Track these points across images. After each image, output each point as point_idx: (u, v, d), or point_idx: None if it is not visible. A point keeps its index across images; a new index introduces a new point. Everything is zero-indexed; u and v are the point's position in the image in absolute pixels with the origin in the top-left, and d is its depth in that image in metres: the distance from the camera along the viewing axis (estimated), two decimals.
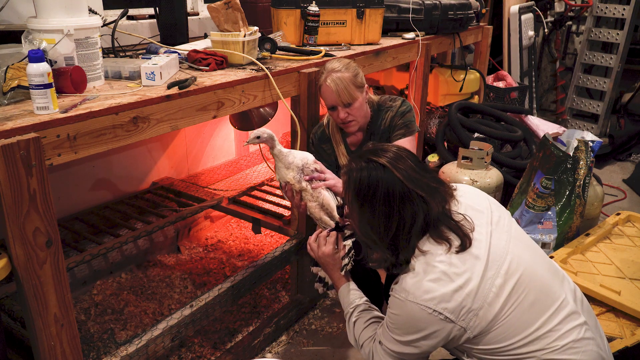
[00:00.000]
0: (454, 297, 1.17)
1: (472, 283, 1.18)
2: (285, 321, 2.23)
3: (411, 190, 1.20)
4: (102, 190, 2.41)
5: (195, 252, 2.75)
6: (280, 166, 1.73)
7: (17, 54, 1.48)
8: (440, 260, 1.19)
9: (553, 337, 1.20)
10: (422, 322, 1.20)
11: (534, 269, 1.25)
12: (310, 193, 1.75)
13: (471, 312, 1.18)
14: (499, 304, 1.19)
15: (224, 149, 3.05)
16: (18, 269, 1.20)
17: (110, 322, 2.18)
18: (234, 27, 1.86)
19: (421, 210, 1.20)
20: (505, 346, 1.21)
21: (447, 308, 1.17)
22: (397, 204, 1.20)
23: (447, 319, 1.18)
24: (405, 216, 1.20)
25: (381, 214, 1.21)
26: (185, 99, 1.55)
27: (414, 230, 1.21)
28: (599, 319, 1.78)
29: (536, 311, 1.21)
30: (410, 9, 2.82)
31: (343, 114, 1.82)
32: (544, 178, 2.21)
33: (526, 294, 1.21)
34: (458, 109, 3.22)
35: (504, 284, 1.20)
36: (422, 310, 1.19)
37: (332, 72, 1.80)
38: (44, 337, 1.28)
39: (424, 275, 1.19)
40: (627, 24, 4.31)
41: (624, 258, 2.06)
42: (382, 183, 1.21)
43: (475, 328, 1.19)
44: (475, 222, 1.26)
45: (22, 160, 1.13)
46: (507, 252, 1.24)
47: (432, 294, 1.18)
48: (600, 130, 4.57)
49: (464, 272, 1.18)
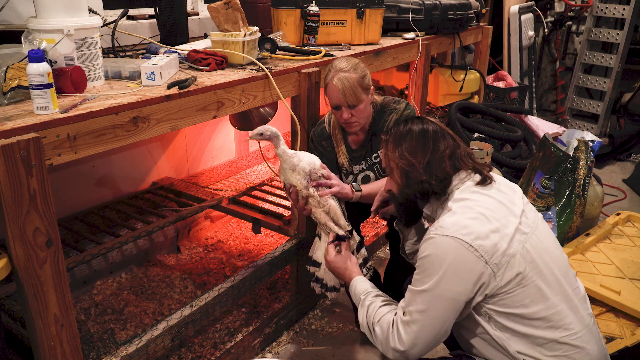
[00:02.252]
0: (490, 237, 1.20)
1: (508, 230, 1.23)
2: (285, 321, 2.23)
3: (443, 129, 1.40)
4: (102, 190, 2.41)
5: (195, 252, 2.75)
6: (285, 167, 1.71)
7: (17, 54, 1.48)
8: (478, 204, 1.26)
9: (570, 318, 1.24)
10: (456, 257, 1.20)
11: (558, 247, 1.34)
12: (317, 199, 1.75)
13: (505, 256, 1.20)
14: (528, 261, 1.22)
15: (224, 149, 3.05)
16: (18, 269, 1.20)
17: (110, 322, 2.18)
18: (234, 27, 1.86)
19: (452, 143, 1.37)
20: (525, 314, 1.22)
21: (483, 245, 1.19)
22: (431, 138, 1.37)
23: (481, 257, 1.19)
24: (439, 146, 1.36)
25: (419, 144, 1.37)
26: (185, 99, 1.55)
27: (447, 154, 1.35)
28: (599, 319, 1.78)
29: (557, 286, 1.25)
30: (410, 9, 2.82)
31: (347, 115, 1.81)
32: (544, 178, 2.22)
33: (550, 266, 1.25)
34: (458, 109, 3.23)
35: (536, 245, 1.25)
36: (458, 244, 1.20)
37: (339, 71, 1.79)
38: (44, 337, 1.28)
39: (462, 215, 1.24)
40: (627, 24, 4.31)
41: (624, 258, 2.06)
42: (417, 125, 1.40)
43: (503, 277, 1.20)
44: (510, 193, 1.34)
45: (22, 160, 1.13)
46: (537, 225, 1.30)
47: (469, 229, 1.20)
48: (600, 130, 4.57)
49: (500, 219, 1.23)
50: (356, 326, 2.23)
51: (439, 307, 1.23)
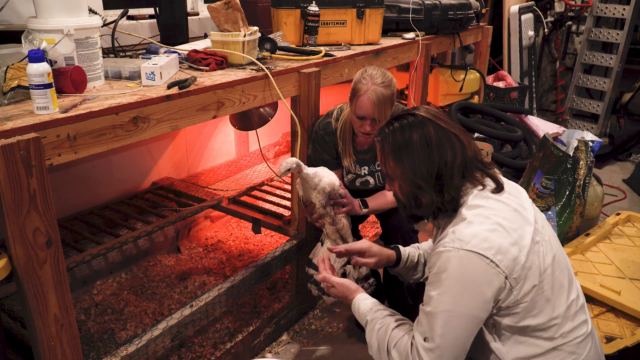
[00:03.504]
0: (511, 251, 1.15)
1: (525, 241, 1.18)
2: (285, 321, 2.23)
3: (446, 129, 1.25)
4: (102, 190, 2.41)
5: (195, 252, 2.75)
6: (306, 186, 1.76)
7: (17, 54, 1.48)
8: (495, 213, 1.20)
9: (573, 324, 1.24)
10: (478, 273, 1.15)
11: (563, 254, 1.31)
12: (332, 218, 1.80)
13: (524, 269, 1.16)
14: (541, 271, 1.19)
15: (224, 149, 3.05)
16: (18, 269, 1.20)
17: (110, 322, 2.18)
18: (234, 27, 1.86)
19: (459, 148, 1.24)
20: (532, 325, 1.20)
21: (504, 260, 1.14)
22: (435, 145, 1.23)
23: (502, 272, 1.15)
24: (445, 155, 1.23)
25: (422, 158, 1.24)
26: (185, 99, 1.55)
27: (456, 166, 1.23)
28: (599, 319, 1.78)
29: (565, 292, 1.24)
30: (410, 9, 2.82)
31: (370, 128, 1.82)
32: (544, 178, 2.22)
33: (560, 272, 1.24)
34: (458, 109, 3.23)
35: (546, 253, 1.22)
36: (479, 259, 1.14)
37: (375, 84, 1.76)
38: (44, 337, 1.28)
39: (480, 225, 1.17)
40: (627, 24, 4.31)
41: (624, 258, 2.06)
42: (416, 130, 1.25)
43: (521, 290, 1.17)
44: (519, 196, 1.29)
45: (22, 160, 1.13)
46: (545, 230, 1.27)
47: (489, 242, 1.15)
48: (600, 130, 4.57)
49: (517, 229, 1.19)
50: (356, 326, 2.23)
51: (461, 326, 1.17)
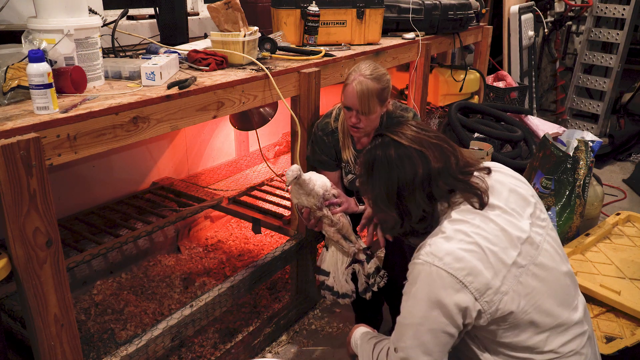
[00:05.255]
0: (484, 274, 1.12)
1: (504, 265, 1.14)
2: (285, 321, 2.23)
3: (407, 147, 1.22)
4: (102, 190, 2.41)
5: (195, 252, 2.75)
6: (301, 192, 1.75)
7: (17, 54, 1.48)
8: (476, 231, 1.15)
9: (562, 341, 1.19)
10: (446, 291, 1.12)
11: (560, 269, 1.24)
12: (331, 219, 1.79)
13: (498, 294, 1.13)
14: (522, 296, 1.15)
15: (224, 149, 3.05)
16: (18, 269, 1.20)
17: (110, 322, 2.18)
18: (234, 27, 1.86)
19: (420, 164, 1.20)
20: (514, 342, 1.18)
21: (474, 282, 1.12)
22: (395, 164, 1.21)
23: (472, 294, 1.12)
24: (406, 173, 1.20)
25: (382, 178, 1.24)
26: (185, 99, 1.55)
27: (416, 184, 1.20)
28: (599, 319, 1.78)
29: (555, 309, 1.19)
30: (410, 9, 2.82)
31: (355, 120, 1.80)
32: (544, 178, 2.22)
33: (549, 294, 1.19)
34: (458, 109, 3.23)
35: (531, 278, 1.17)
36: (450, 278, 1.12)
37: (362, 75, 1.76)
38: (44, 337, 1.28)
39: (457, 243, 1.14)
40: (627, 24, 4.31)
41: (624, 258, 2.06)
42: (380, 150, 1.25)
43: (495, 314, 1.14)
44: (515, 207, 1.23)
45: (22, 160, 1.13)
46: (540, 248, 1.21)
47: (462, 263, 1.12)
48: (600, 130, 4.57)
49: (497, 252, 1.14)
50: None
51: (431, 340, 1.16)
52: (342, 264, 1.84)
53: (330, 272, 1.86)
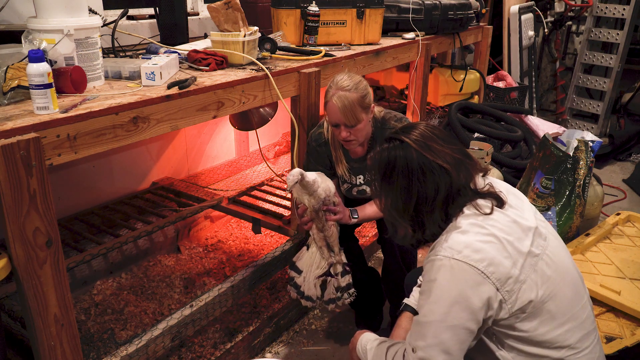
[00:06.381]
0: (503, 263, 1.12)
1: (520, 254, 1.15)
2: (285, 321, 2.23)
3: (431, 161, 1.19)
4: (102, 190, 2.41)
5: (195, 252, 2.75)
6: (304, 192, 1.77)
7: (17, 54, 1.48)
8: (491, 223, 1.16)
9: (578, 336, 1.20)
10: (468, 284, 1.12)
11: (569, 261, 1.26)
12: (322, 224, 1.82)
13: (517, 282, 1.13)
14: (539, 285, 1.16)
15: (224, 149, 3.05)
16: (18, 269, 1.20)
17: (110, 322, 2.18)
18: (234, 27, 1.86)
19: (443, 182, 1.19)
20: (533, 336, 1.18)
21: (495, 273, 1.12)
22: (417, 177, 1.19)
23: (494, 284, 1.12)
24: (427, 189, 1.19)
25: (400, 188, 1.21)
26: (185, 99, 1.55)
27: (437, 202, 1.19)
28: (599, 319, 1.78)
29: (569, 304, 1.20)
30: (410, 9, 2.82)
31: (345, 134, 1.79)
32: (544, 178, 2.22)
33: (562, 284, 1.20)
34: (458, 109, 3.23)
35: (545, 268, 1.18)
36: (471, 270, 1.11)
37: (340, 89, 1.75)
38: (44, 337, 1.28)
39: (474, 235, 1.15)
40: (627, 24, 4.31)
41: (624, 258, 2.06)
42: (400, 158, 1.21)
43: (515, 304, 1.14)
44: (520, 207, 1.25)
45: (22, 160, 1.13)
46: (548, 241, 1.23)
47: (482, 254, 1.12)
48: (600, 130, 4.57)
49: (513, 241, 1.15)
50: (357, 326, 2.23)
51: (452, 338, 1.15)
52: (317, 268, 1.89)
53: (303, 271, 1.91)
